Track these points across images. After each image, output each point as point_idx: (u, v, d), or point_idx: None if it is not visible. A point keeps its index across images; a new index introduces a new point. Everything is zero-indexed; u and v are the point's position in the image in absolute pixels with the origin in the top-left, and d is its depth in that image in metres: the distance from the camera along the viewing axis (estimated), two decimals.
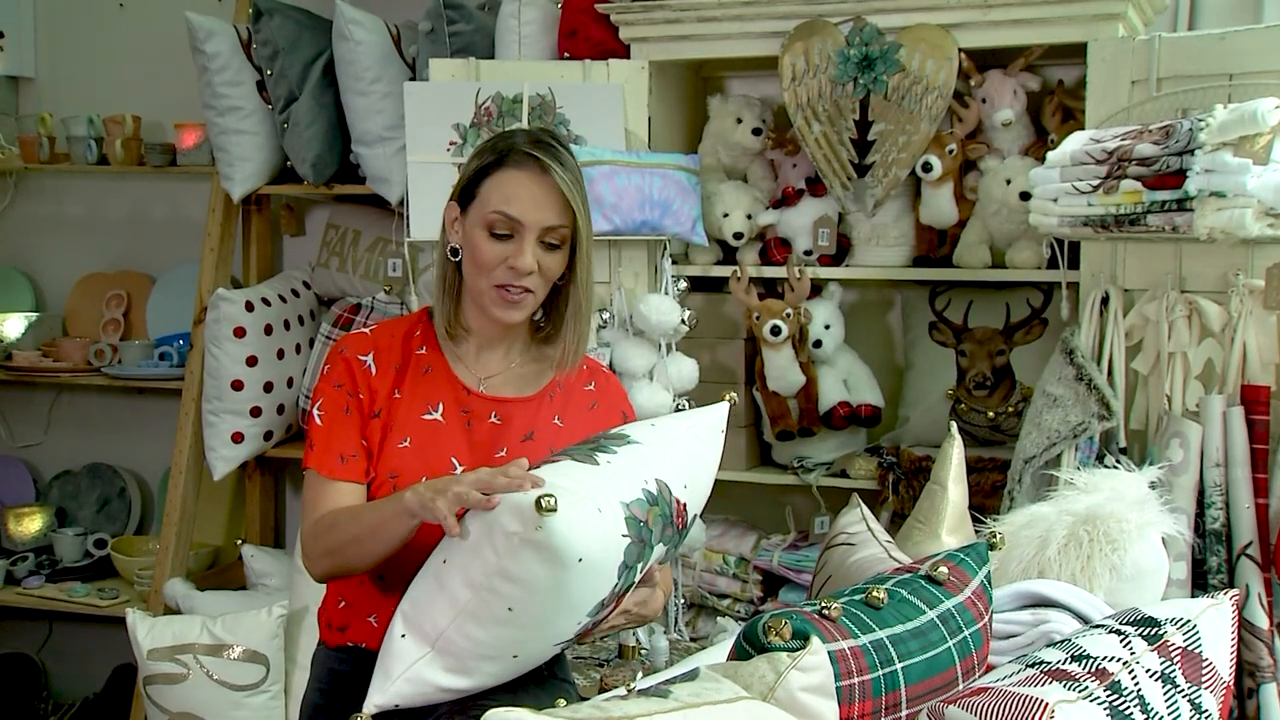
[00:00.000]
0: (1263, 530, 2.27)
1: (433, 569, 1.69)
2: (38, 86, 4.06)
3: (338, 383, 1.88)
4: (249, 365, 3.34)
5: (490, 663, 1.67)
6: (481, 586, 1.59)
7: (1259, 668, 2.22)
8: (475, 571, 1.60)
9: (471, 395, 1.92)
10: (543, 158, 1.82)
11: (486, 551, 1.58)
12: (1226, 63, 2.45)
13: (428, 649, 1.65)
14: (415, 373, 1.92)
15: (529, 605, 1.60)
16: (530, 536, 1.53)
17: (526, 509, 1.53)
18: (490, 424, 1.91)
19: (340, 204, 3.61)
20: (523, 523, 1.54)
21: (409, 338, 1.94)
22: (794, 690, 1.30)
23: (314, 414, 1.88)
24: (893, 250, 2.95)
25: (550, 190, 1.83)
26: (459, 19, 3.09)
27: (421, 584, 1.70)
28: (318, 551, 1.83)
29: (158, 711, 2.95)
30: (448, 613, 1.63)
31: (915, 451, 2.87)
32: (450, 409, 1.90)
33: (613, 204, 2.80)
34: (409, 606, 1.69)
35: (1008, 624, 1.72)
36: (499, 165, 1.85)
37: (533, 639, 1.68)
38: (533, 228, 1.83)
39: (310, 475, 1.87)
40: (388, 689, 1.65)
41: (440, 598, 1.64)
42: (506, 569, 1.57)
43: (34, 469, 4.09)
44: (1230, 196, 2.14)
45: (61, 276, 4.04)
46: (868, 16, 2.75)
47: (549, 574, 1.56)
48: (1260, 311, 2.35)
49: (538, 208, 1.82)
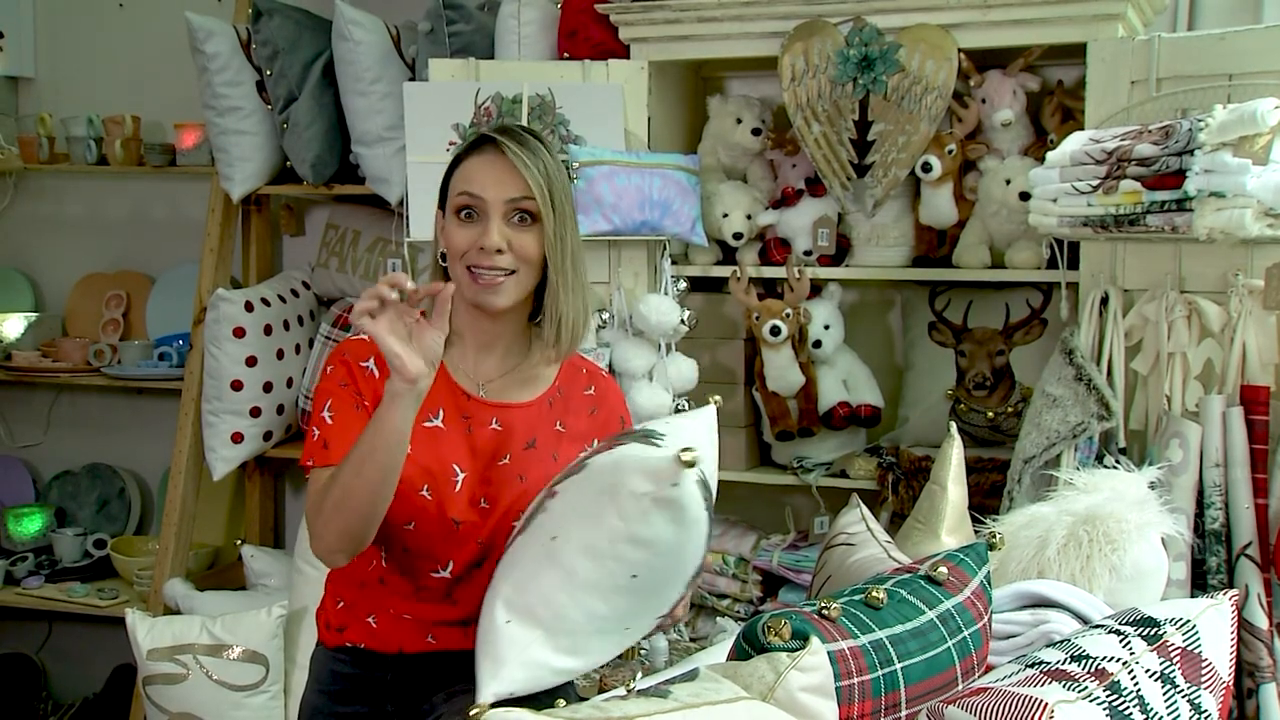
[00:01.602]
0: (1262, 530, 2.27)
1: (537, 549, 1.67)
2: (37, 86, 4.06)
3: (343, 382, 1.86)
4: (248, 365, 3.34)
5: (604, 638, 1.67)
6: (606, 555, 1.59)
7: (1258, 668, 2.22)
8: (599, 539, 1.59)
9: (472, 401, 1.91)
10: (500, 138, 1.84)
11: (611, 518, 1.58)
12: (1226, 63, 2.45)
13: (539, 632, 1.63)
14: None
15: (651, 570, 1.61)
16: (664, 494, 1.54)
17: (663, 465, 1.54)
18: (492, 430, 1.90)
19: (340, 204, 3.61)
20: (656, 481, 1.55)
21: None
22: (794, 690, 1.30)
23: (323, 415, 1.83)
24: (892, 250, 2.95)
25: (507, 167, 1.83)
26: (458, 19, 3.09)
27: (521, 567, 1.68)
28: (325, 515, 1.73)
29: (157, 712, 2.95)
30: (565, 589, 1.62)
31: (915, 452, 2.87)
32: (450, 415, 1.89)
33: (612, 204, 2.80)
34: (511, 592, 1.66)
35: (1007, 624, 1.72)
36: (462, 159, 1.88)
37: (646, 609, 1.68)
38: (495, 204, 1.83)
39: (318, 473, 1.81)
40: (502, 675, 1.62)
41: (553, 574, 1.63)
42: (636, 533, 1.57)
43: (34, 469, 4.09)
44: (1230, 197, 2.14)
45: (61, 277, 4.04)
46: (867, 17, 2.75)
47: (674, 534, 1.58)
48: (1260, 312, 2.35)
49: (496, 183, 1.83)
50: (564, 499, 1.65)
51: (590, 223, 2.80)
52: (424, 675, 1.93)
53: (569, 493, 1.65)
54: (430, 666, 1.93)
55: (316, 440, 1.83)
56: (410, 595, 1.90)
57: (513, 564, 1.70)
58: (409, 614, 1.91)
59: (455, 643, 1.92)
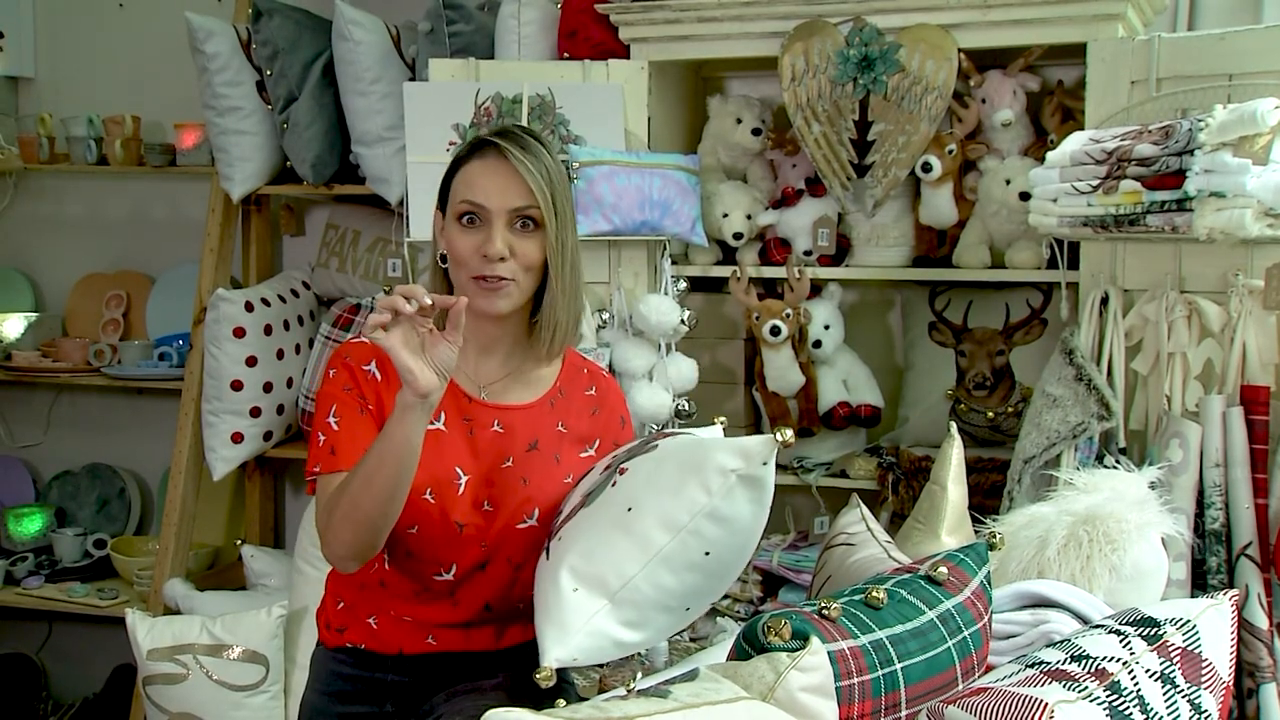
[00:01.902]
0: (1262, 530, 2.27)
1: (609, 519, 1.66)
2: (37, 86, 4.06)
3: (346, 386, 1.84)
4: (248, 365, 3.34)
5: (666, 615, 1.66)
6: (685, 529, 1.59)
7: (1258, 668, 2.22)
8: (679, 512, 1.60)
9: (473, 403, 1.90)
10: (502, 144, 1.83)
11: (695, 491, 1.59)
12: (1226, 63, 2.45)
13: (605, 601, 1.62)
14: None
15: (724, 548, 1.62)
16: (753, 472, 1.58)
17: (757, 443, 1.57)
18: (493, 432, 1.89)
19: (340, 204, 3.61)
20: (747, 458, 1.58)
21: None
22: (794, 690, 1.30)
23: (328, 421, 1.81)
24: (892, 250, 2.95)
25: (510, 173, 1.82)
26: (459, 19, 3.09)
27: (593, 534, 1.66)
28: (335, 524, 1.73)
29: (157, 712, 2.95)
30: (638, 560, 1.61)
31: (915, 452, 2.87)
32: (452, 418, 1.88)
33: (612, 204, 2.80)
34: (579, 560, 1.64)
35: (1007, 624, 1.72)
36: (464, 162, 1.87)
37: (710, 588, 1.69)
38: (498, 212, 1.82)
39: (326, 479, 1.79)
40: (569, 643, 1.60)
41: (628, 545, 1.62)
42: (718, 508, 1.59)
43: (33, 469, 4.09)
44: (1230, 197, 2.14)
45: (61, 277, 4.04)
46: (867, 17, 2.75)
47: (753, 513, 1.61)
48: (1260, 312, 2.35)
49: (500, 192, 1.82)
50: (637, 473, 1.65)
51: (590, 223, 2.80)
52: (424, 676, 1.93)
53: (643, 467, 1.65)
54: (430, 667, 1.92)
55: (323, 446, 1.81)
56: (411, 597, 1.90)
57: (580, 533, 1.67)
58: (410, 616, 1.90)
59: (456, 644, 1.92)
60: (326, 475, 1.79)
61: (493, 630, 1.93)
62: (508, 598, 1.91)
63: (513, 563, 1.89)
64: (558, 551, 1.69)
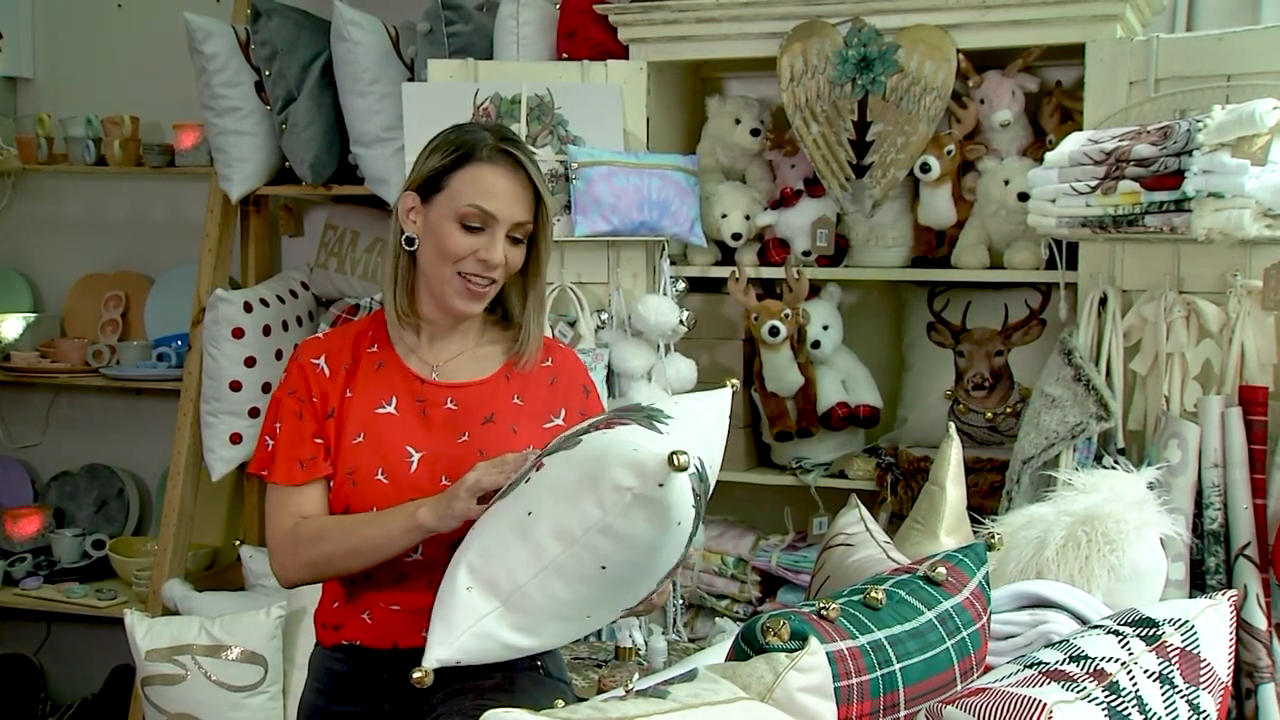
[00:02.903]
0: (1261, 531, 2.27)
1: (510, 520, 1.62)
2: (36, 87, 4.06)
3: (291, 389, 1.93)
4: (247, 366, 3.34)
5: (561, 623, 1.64)
6: (578, 541, 1.55)
7: (1257, 668, 2.23)
8: (573, 525, 1.55)
9: (426, 384, 1.94)
10: (515, 153, 1.87)
11: (589, 505, 1.54)
12: (1224, 63, 2.45)
13: (497, 604, 1.60)
14: (367, 370, 1.94)
15: (622, 564, 1.57)
16: (646, 492, 1.50)
17: (651, 464, 1.49)
18: (447, 410, 1.93)
19: (339, 205, 3.61)
20: (642, 478, 1.50)
21: (360, 338, 1.97)
22: (792, 691, 1.30)
23: (274, 426, 1.92)
24: (891, 251, 2.95)
25: (524, 186, 1.87)
26: (457, 20, 3.09)
27: (493, 534, 1.64)
28: (297, 563, 1.87)
29: (156, 712, 2.95)
30: (530, 567, 1.58)
31: (913, 452, 2.87)
32: (404, 400, 1.92)
33: (611, 204, 2.80)
34: (477, 559, 1.62)
35: (1006, 624, 1.72)
36: (469, 159, 1.87)
37: (611, 600, 1.66)
38: (505, 223, 1.87)
39: (270, 488, 1.92)
40: (452, 643, 1.58)
41: (522, 550, 1.59)
42: (612, 525, 1.53)
43: (32, 470, 4.09)
44: (1228, 197, 2.14)
45: (60, 277, 4.04)
46: (866, 17, 2.75)
47: (652, 534, 1.54)
48: (1258, 312, 2.35)
49: (511, 203, 1.87)
50: (547, 474, 1.62)
51: (589, 223, 2.80)
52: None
53: (553, 468, 1.62)
54: None
55: (269, 452, 1.92)
56: (393, 584, 1.92)
57: (483, 530, 1.66)
58: (398, 604, 1.92)
59: None
60: (269, 484, 1.92)
61: None
62: None
63: None
64: (464, 543, 1.68)
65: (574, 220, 2.80)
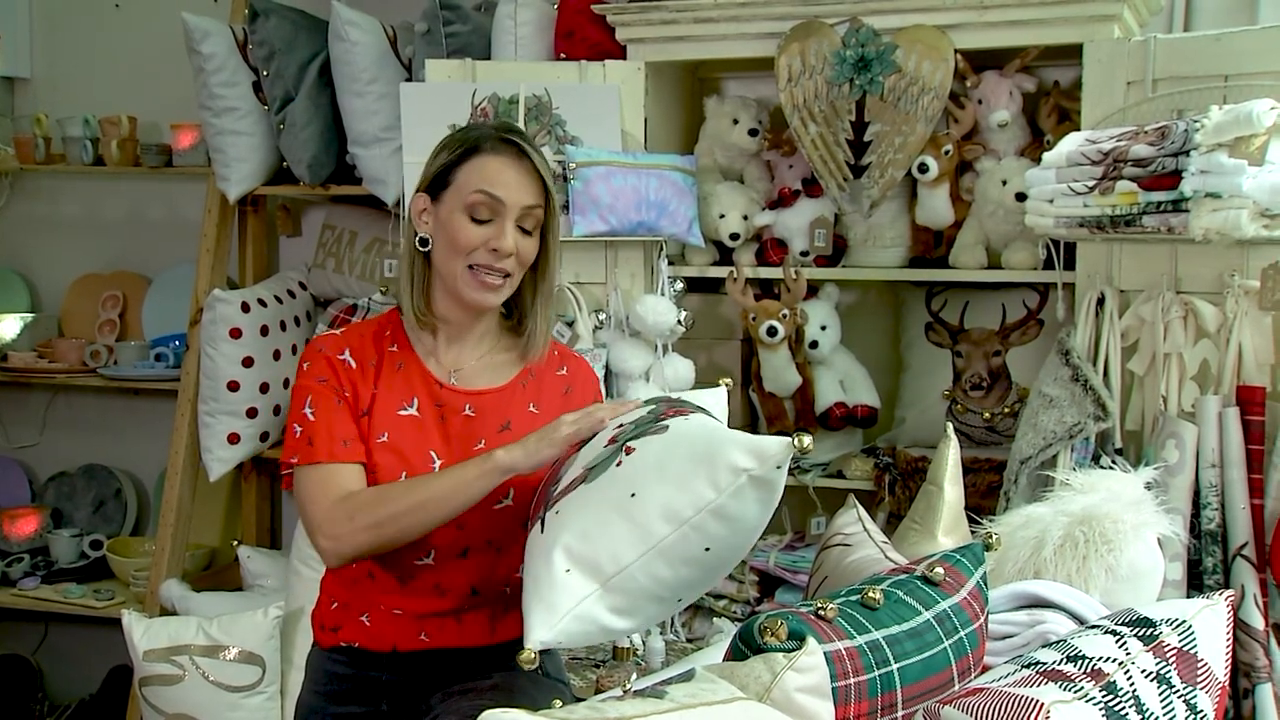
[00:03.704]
0: (1258, 531, 2.27)
1: (611, 502, 1.60)
2: (34, 87, 4.06)
3: (321, 378, 1.89)
4: (245, 366, 3.34)
5: (657, 605, 1.62)
6: (688, 523, 1.54)
7: (1254, 668, 2.23)
8: (683, 506, 1.54)
9: (444, 389, 1.93)
10: (518, 142, 1.88)
11: (702, 487, 1.54)
12: (1222, 64, 2.45)
13: (597, 586, 1.56)
14: (389, 370, 1.93)
15: (724, 547, 1.58)
16: (764, 474, 1.52)
17: (773, 447, 1.52)
18: (464, 416, 1.92)
19: (336, 205, 3.61)
20: (761, 460, 1.52)
21: (379, 337, 1.96)
22: (790, 691, 1.30)
23: (304, 412, 1.87)
24: (889, 251, 2.96)
25: (529, 171, 1.88)
26: (455, 20, 3.09)
27: (593, 517, 1.60)
28: (353, 528, 1.79)
29: (154, 713, 2.95)
30: (636, 548, 1.55)
31: (911, 452, 2.87)
32: (425, 403, 1.92)
33: (609, 204, 2.80)
34: (575, 541, 1.58)
35: (1004, 624, 1.72)
36: (475, 153, 1.88)
37: (704, 583, 1.66)
38: (514, 208, 1.87)
39: (306, 470, 1.84)
40: (554, 625, 1.54)
41: (628, 532, 1.56)
42: (724, 507, 1.53)
43: (30, 470, 4.09)
44: (1226, 197, 2.15)
45: (57, 277, 4.04)
46: (864, 17, 2.75)
47: (758, 516, 1.56)
48: (1255, 312, 2.35)
49: (518, 188, 1.87)
50: (645, 455, 1.61)
51: (587, 223, 2.80)
52: (419, 674, 1.93)
53: (651, 449, 1.61)
54: (425, 665, 1.93)
55: (300, 437, 1.86)
56: (398, 589, 1.91)
57: (579, 512, 1.62)
58: (400, 609, 1.91)
59: (449, 639, 1.92)
60: (305, 467, 1.84)
61: (485, 619, 1.94)
62: (491, 580, 1.93)
63: (494, 545, 1.91)
64: (554, 526, 1.63)
65: (572, 220, 2.80)
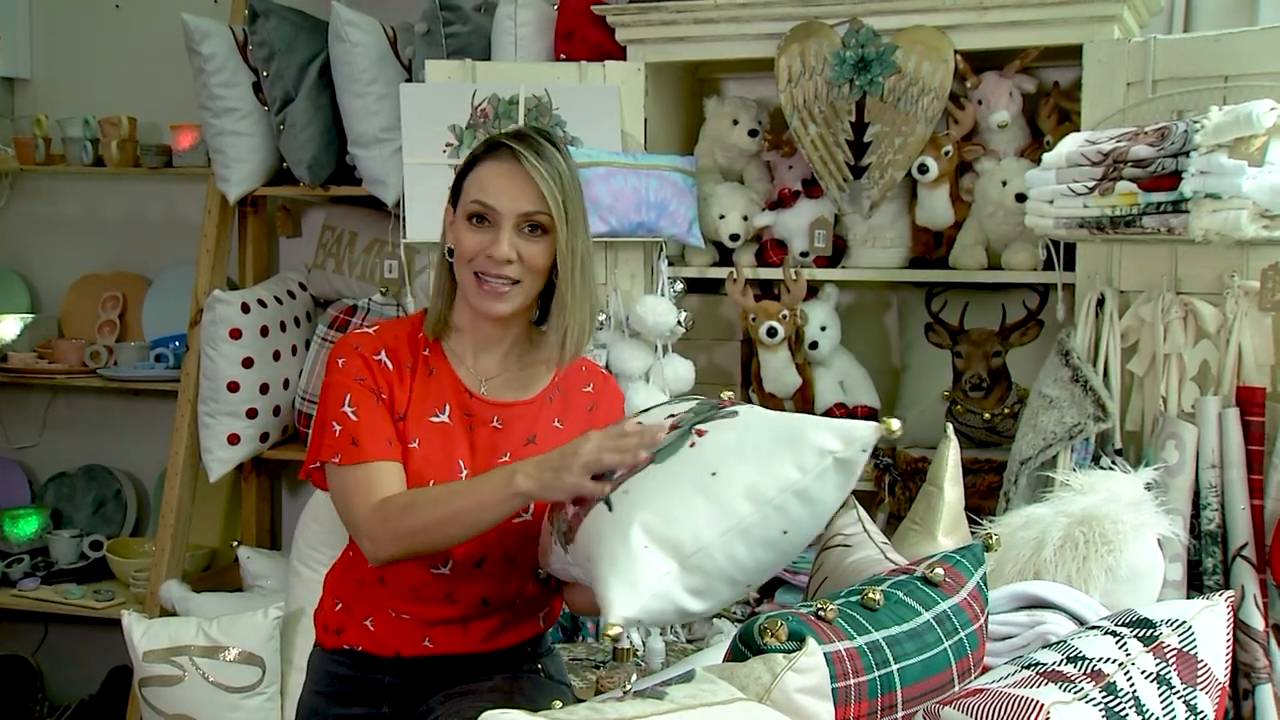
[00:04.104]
0: (1258, 531, 2.27)
1: (689, 479, 1.57)
2: (33, 87, 4.05)
3: (359, 376, 1.86)
4: (245, 367, 3.34)
5: (730, 587, 1.60)
6: (770, 503, 1.54)
7: (1254, 669, 2.23)
8: (767, 486, 1.54)
9: (474, 399, 1.92)
10: (518, 147, 1.84)
11: (788, 468, 1.54)
12: (1222, 64, 2.45)
13: (674, 564, 1.54)
14: (422, 374, 1.92)
15: (800, 530, 1.58)
16: (849, 457, 1.54)
17: (861, 430, 1.53)
18: (492, 428, 1.91)
19: (336, 205, 3.61)
20: (848, 442, 1.54)
21: (413, 339, 1.94)
22: (790, 692, 1.30)
23: (344, 411, 1.83)
24: (889, 252, 2.96)
25: (523, 178, 1.83)
26: (455, 20, 3.09)
27: (670, 494, 1.58)
28: (389, 534, 1.78)
29: (154, 714, 2.94)
30: (716, 527, 1.54)
31: (911, 453, 2.87)
32: (455, 412, 1.90)
33: (609, 205, 2.80)
34: (655, 519, 1.55)
35: (1004, 625, 1.72)
36: (478, 161, 1.88)
37: (774, 567, 1.65)
38: (508, 215, 1.84)
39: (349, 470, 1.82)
40: (637, 602, 1.52)
41: (709, 511, 1.54)
42: (808, 488, 1.54)
43: (29, 471, 4.09)
44: (1225, 198, 2.15)
45: (57, 278, 4.04)
46: (864, 18, 2.75)
47: (835, 500, 1.57)
48: (1255, 313, 2.35)
49: (510, 195, 1.84)
50: (721, 438, 1.59)
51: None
52: (421, 678, 1.93)
53: (726, 432, 1.60)
54: (427, 670, 1.93)
55: (341, 436, 1.83)
56: (408, 595, 1.90)
57: (655, 491, 1.58)
58: (407, 613, 1.91)
59: (453, 645, 1.92)
60: (348, 467, 1.82)
61: (489, 627, 1.94)
62: (504, 592, 1.92)
63: (509, 558, 1.89)
64: (625, 505, 1.59)
65: None
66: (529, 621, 2.00)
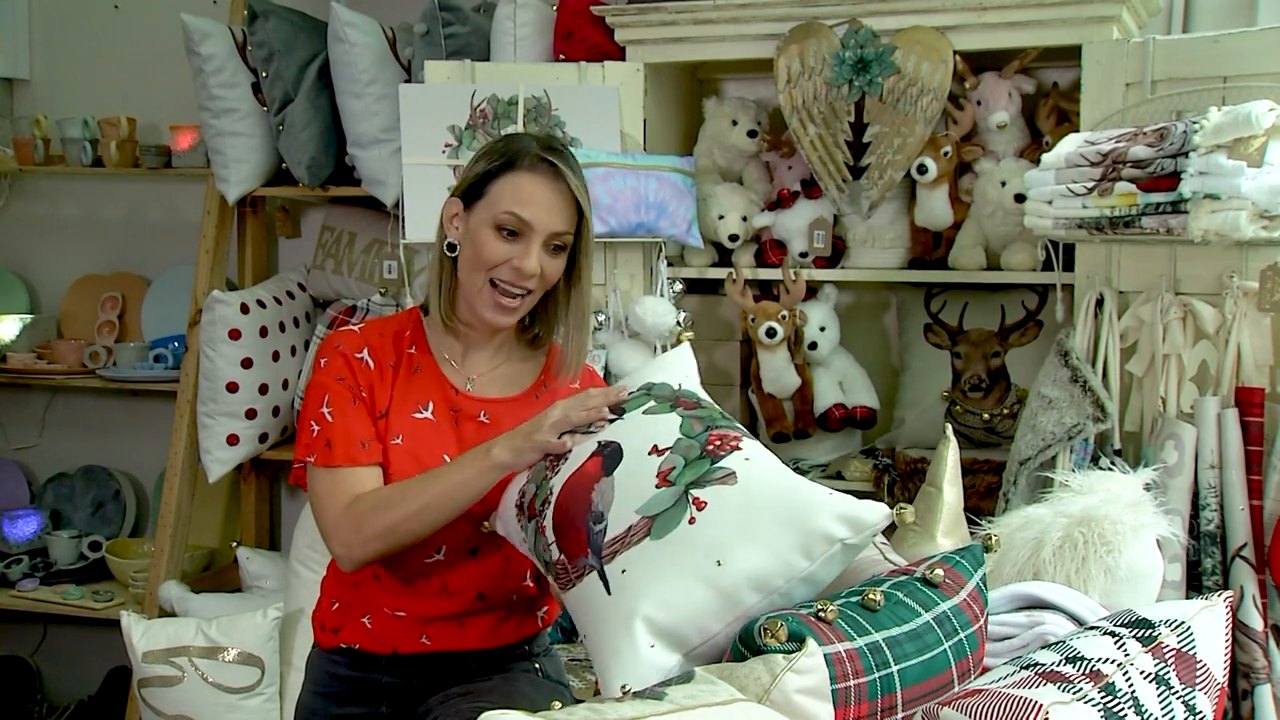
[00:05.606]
0: (1257, 532, 2.27)
1: (691, 566, 1.52)
2: (33, 88, 4.06)
3: (339, 376, 1.87)
4: (244, 367, 3.34)
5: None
6: (777, 591, 1.51)
7: (1253, 669, 2.23)
8: (774, 575, 1.50)
9: (460, 395, 1.93)
10: (557, 163, 1.85)
11: (794, 555, 1.50)
12: (1221, 65, 2.45)
13: (679, 657, 1.51)
14: (407, 371, 1.92)
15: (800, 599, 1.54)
16: (858, 542, 1.52)
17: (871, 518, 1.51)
18: (478, 423, 1.92)
19: (335, 206, 3.61)
20: (857, 530, 1.51)
21: (399, 337, 1.95)
22: (789, 692, 1.30)
23: (322, 411, 1.85)
24: (888, 252, 2.96)
25: (563, 196, 1.85)
26: (454, 21, 3.09)
27: (672, 582, 1.52)
28: (362, 538, 1.79)
29: (153, 714, 2.95)
30: (722, 619, 1.50)
31: (910, 453, 2.87)
32: (440, 408, 1.91)
33: (608, 206, 2.80)
34: (656, 610, 1.51)
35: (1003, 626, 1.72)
36: (511, 167, 1.86)
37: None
38: (542, 231, 1.85)
39: (322, 472, 1.83)
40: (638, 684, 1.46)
41: (714, 603, 1.51)
42: (815, 574, 1.51)
43: (28, 471, 4.09)
44: (1224, 199, 2.15)
45: (56, 278, 4.04)
46: (863, 19, 2.75)
47: (837, 573, 1.55)
48: (1254, 313, 2.35)
49: (549, 212, 1.84)
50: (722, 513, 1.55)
51: None
52: (419, 677, 1.93)
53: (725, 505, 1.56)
54: (425, 668, 1.93)
55: (317, 437, 1.85)
56: (404, 590, 1.91)
57: (655, 576, 1.54)
58: (404, 610, 1.91)
59: (451, 643, 1.92)
60: (321, 469, 1.84)
61: (487, 624, 1.94)
62: (501, 586, 1.93)
63: (503, 549, 1.90)
64: (625, 590, 1.55)
65: None
66: (527, 620, 2.00)
